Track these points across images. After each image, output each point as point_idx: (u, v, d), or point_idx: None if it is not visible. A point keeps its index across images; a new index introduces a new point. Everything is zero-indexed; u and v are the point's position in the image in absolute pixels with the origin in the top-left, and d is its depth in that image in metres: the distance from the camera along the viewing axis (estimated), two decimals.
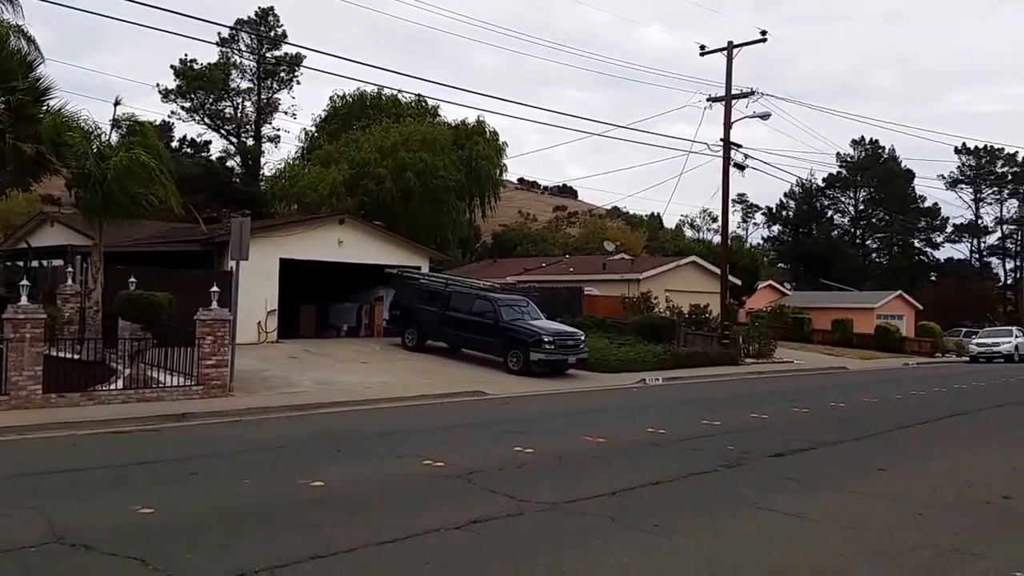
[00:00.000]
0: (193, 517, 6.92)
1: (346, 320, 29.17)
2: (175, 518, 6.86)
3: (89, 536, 6.09)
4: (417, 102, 43.50)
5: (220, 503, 7.47)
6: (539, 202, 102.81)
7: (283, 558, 5.63)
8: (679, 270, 37.73)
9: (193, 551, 5.88)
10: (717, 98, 30.56)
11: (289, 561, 5.58)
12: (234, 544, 6.08)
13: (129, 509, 6.92)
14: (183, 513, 7.05)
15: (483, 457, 9.65)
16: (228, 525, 6.67)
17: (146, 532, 6.39)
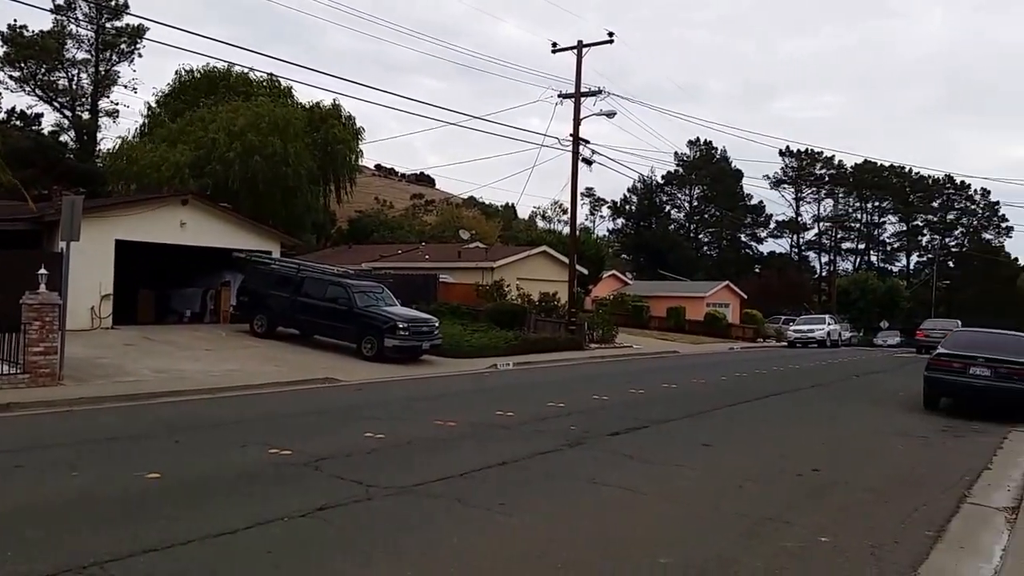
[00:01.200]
0: (16, 512, 6.53)
1: (190, 306, 27.90)
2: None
3: None
4: (269, 82, 42.03)
5: (46, 498, 7.06)
6: (396, 189, 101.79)
7: (115, 552, 5.44)
8: (531, 259, 38.51)
9: (13, 548, 5.56)
10: (567, 95, 31.36)
11: (121, 555, 5.40)
12: (60, 540, 5.80)
13: None
14: (4, 509, 6.63)
15: (332, 444, 9.58)
16: (55, 520, 6.33)
17: None
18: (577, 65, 31.04)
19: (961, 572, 5.96)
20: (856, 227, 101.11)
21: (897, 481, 9.01)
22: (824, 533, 6.60)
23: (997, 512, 7.77)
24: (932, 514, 7.42)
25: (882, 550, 6.21)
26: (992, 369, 14.46)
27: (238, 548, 5.75)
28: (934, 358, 15.73)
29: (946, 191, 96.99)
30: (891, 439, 12.05)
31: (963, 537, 6.82)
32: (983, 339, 16.15)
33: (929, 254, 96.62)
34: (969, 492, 8.51)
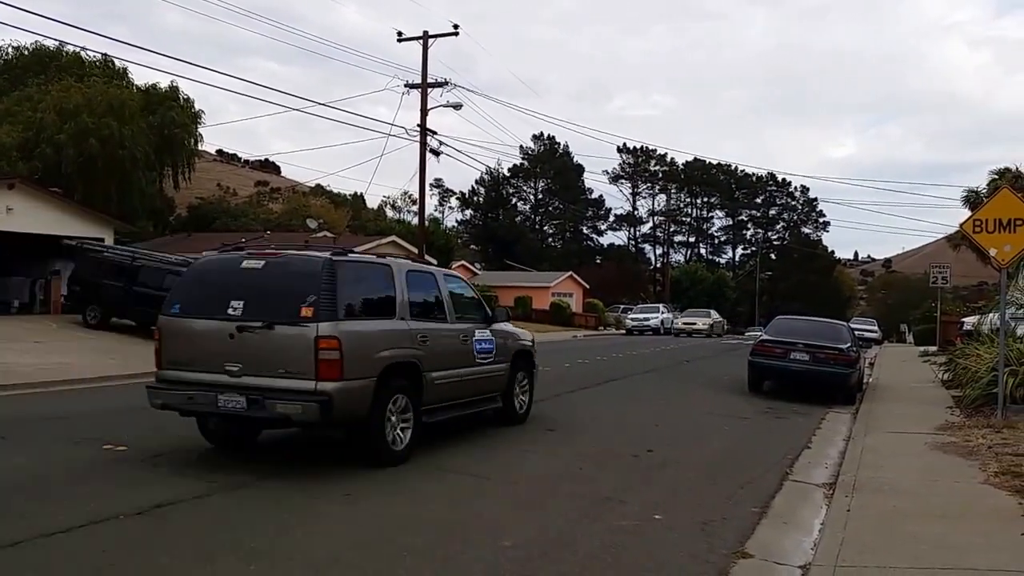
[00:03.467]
0: None
1: (18, 296, 26.01)
2: None
3: None
4: (103, 62, 39.44)
5: None
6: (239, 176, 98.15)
7: None
8: (380, 249, 37.87)
9: None
10: (414, 85, 31.39)
11: None
12: None
13: None
14: None
15: (173, 439, 9.24)
16: None
17: None
18: (423, 55, 31.07)
19: (784, 546, 6.40)
20: (687, 221, 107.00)
21: (724, 460, 9.66)
22: (657, 511, 7.01)
23: (816, 488, 8.45)
24: (757, 491, 7.96)
25: (711, 526, 6.63)
26: (811, 354, 15.71)
27: (72, 547, 5.52)
28: (758, 344, 16.91)
29: (769, 188, 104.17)
30: (719, 420, 12.89)
31: (786, 512, 7.36)
32: (802, 326, 17.51)
33: (753, 247, 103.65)
34: (791, 470, 9.19)
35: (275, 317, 7.74)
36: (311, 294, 7.71)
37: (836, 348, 15.84)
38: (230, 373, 7.82)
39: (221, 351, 7.87)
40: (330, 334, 7.57)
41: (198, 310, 8.23)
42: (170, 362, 8.38)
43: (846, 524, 6.63)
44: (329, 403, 7.50)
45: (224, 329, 7.86)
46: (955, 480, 8.32)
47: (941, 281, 30.99)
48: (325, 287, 7.76)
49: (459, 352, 9.80)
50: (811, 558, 5.95)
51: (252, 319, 7.77)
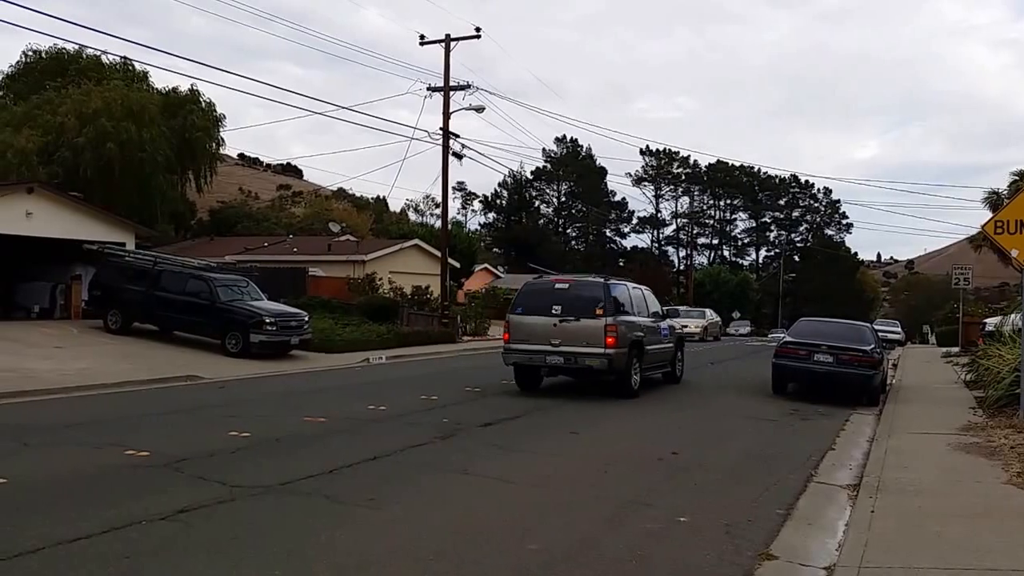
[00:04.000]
0: None
1: (38, 301, 26.16)
2: None
3: None
4: (123, 65, 39.74)
5: None
6: (261, 179, 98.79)
7: None
8: (403, 252, 38.33)
9: None
10: (437, 88, 31.36)
11: None
12: None
13: None
14: None
15: (194, 444, 9.25)
16: None
17: None
18: (446, 58, 31.08)
19: (809, 547, 6.36)
20: (710, 223, 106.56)
21: (750, 462, 9.56)
22: (683, 514, 6.94)
23: (841, 489, 8.38)
24: (782, 493, 7.91)
25: (736, 528, 6.58)
26: (834, 356, 15.53)
27: (94, 554, 5.49)
28: (781, 346, 16.73)
29: (792, 190, 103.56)
30: (743, 422, 12.76)
31: (811, 514, 7.31)
32: (825, 328, 17.32)
33: (776, 249, 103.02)
34: (815, 471, 9.12)
35: (582, 315, 14.43)
36: (600, 302, 14.50)
37: (860, 350, 15.66)
38: (553, 345, 14.51)
39: (548, 334, 14.57)
40: (611, 322, 14.29)
41: (532, 311, 14.95)
42: (515, 340, 14.98)
43: (870, 525, 6.61)
44: (611, 359, 14.21)
45: (550, 321, 14.57)
46: (978, 480, 8.27)
47: (963, 282, 30.68)
48: (605, 298, 14.60)
49: (656, 335, 16.53)
50: (836, 559, 5.94)
51: (567, 316, 14.51)
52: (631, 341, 14.77)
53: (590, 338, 14.22)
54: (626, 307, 15.38)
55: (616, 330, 14.22)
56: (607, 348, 14.14)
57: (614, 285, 15.44)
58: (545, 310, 14.73)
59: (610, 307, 14.48)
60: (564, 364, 14.60)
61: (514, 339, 14.94)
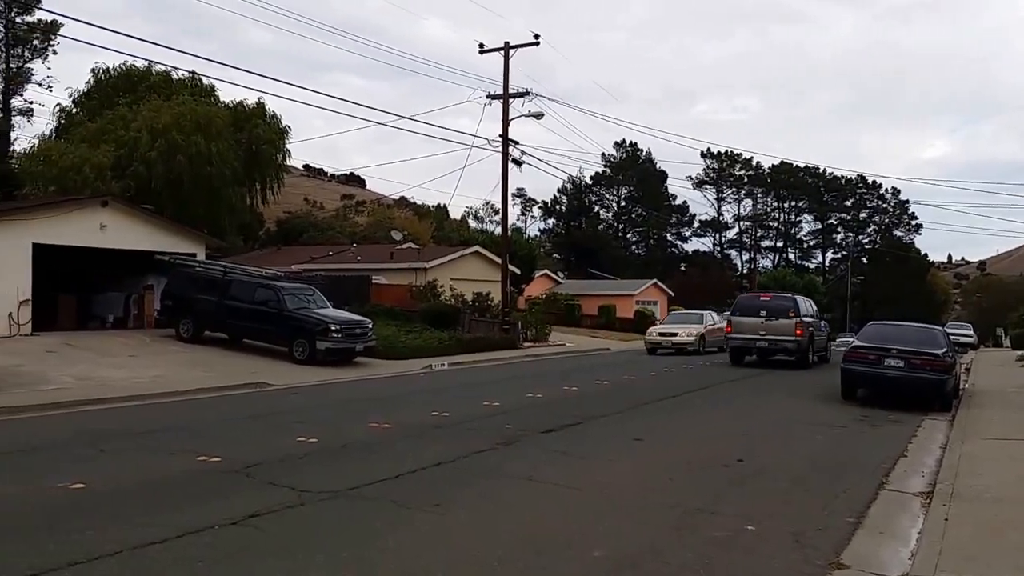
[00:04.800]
0: None
1: (113, 311, 27.06)
2: None
3: None
4: (191, 80, 40.91)
5: None
6: (326, 190, 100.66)
7: (36, 566, 5.29)
8: (464, 259, 38.55)
9: None
10: (496, 96, 31.51)
11: (44, 569, 5.26)
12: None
13: None
14: None
15: (264, 449, 9.46)
16: None
17: None
18: (505, 66, 31.23)
19: (881, 556, 6.21)
20: (775, 226, 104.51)
21: (819, 469, 9.34)
22: (750, 522, 6.82)
23: (913, 497, 8.14)
24: (852, 500, 7.72)
25: (805, 537, 6.45)
26: (905, 360, 15.09)
27: (168, 558, 5.64)
28: (850, 351, 16.33)
29: (858, 191, 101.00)
30: (811, 429, 12.47)
31: (882, 522, 7.12)
32: (895, 332, 16.85)
33: (843, 251, 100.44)
34: (886, 479, 8.88)
35: (779, 316, 23.58)
36: (791, 308, 23.86)
37: (931, 353, 15.18)
38: (759, 336, 23.59)
39: (756, 328, 23.62)
40: (799, 321, 23.53)
41: (745, 314, 24.21)
42: (735, 332, 24.23)
43: (944, 533, 6.43)
44: (798, 344, 23.40)
45: (758, 320, 23.70)
46: None
47: None
48: (794, 306, 24.06)
49: (819, 330, 25.67)
50: (909, 568, 5.79)
51: (770, 317, 23.58)
52: (809, 333, 23.90)
53: (785, 331, 23.37)
54: (804, 312, 24.32)
55: (802, 325, 23.49)
56: (797, 337, 23.31)
57: (797, 298, 25.78)
58: (754, 312, 24.03)
59: (796, 312, 23.78)
60: (767, 347, 23.68)
61: (734, 332, 24.40)
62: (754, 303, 24.82)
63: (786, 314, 23.54)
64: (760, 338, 23.48)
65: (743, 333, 24.02)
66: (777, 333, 23.35)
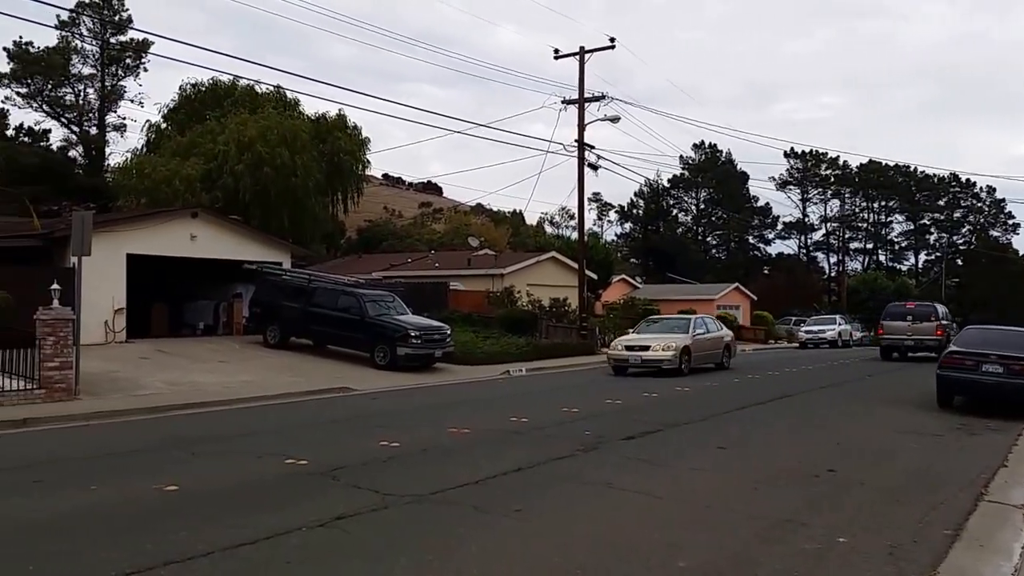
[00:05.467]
0: (36, 527, 6.60)
1: (203, 318, 28.06)
2: (15, 528, 6.54)
3: None
4: (276, 94, 42.20)
5: (65, 511, 7.13)
6: (404, 198, 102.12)
7: (135, 565, 5.48)
8: (540, 265, 38.56)
9: (36, 562, 5.63)
10: (571, 101, 31.49)
11: (141, 568, 5.44)
12: (80, 553, 5.85)
13: None
14: (25, 523, 6.71)
15: (348, 453, 9.63)
16: (74, 534, 6.39)
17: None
18: (580, 71, 31.16)
19: (981, 570, 5.93)
20: (863, 227, 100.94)
21: (913, 480, 8.96)
22: (842, 534, 6.58)
23: (1015, 509, 7.72)
24: (950, 513, 7.38)
25: (901, 550, 6.19)
26: (1004, 366, 14.37)
27: (258, 559, 5.78)
28: (946, 356, 15.65)
29: (952, 189, 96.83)
30: (906, 438, 11.99)
31: (982, 535, 6.78)
32: (994, 336, 16.06)
33: (937, 252, 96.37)
34: (986, 490, 8.45)
35: (923, 320, 28.84)
36: (933, 313, 29.40)
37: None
38: (907, 336, 28.80)
39: (904, 331, 28.90)
40: (939, 324, 28.85)
41: (894, 319, 29.43)
42: (886, 333, 29.47)
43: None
44: (939, 343, 26.30)
45: (905, 324, 29.00)
46: None
47: None
48: (935, 311, 29.78)
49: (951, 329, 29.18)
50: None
51: (915, 321, 28.86)
52: (947, 333, 27.14)
53: (928, 332, 28.25)
54: (942, 316, 29.52)
55: (941, 327, 28.31)
56: (937, 337, 27.67)
57: (936, 305, 31.14)
58: (901, 317, 29.19)
59: (936, 316, 29.02)
60: (913, 345, 28.36)
61: (886, 333, 29.33)
62: (901, 310, 30.06)
63: (928, 318, 28.86)
64: (907, 338, 28.57)
65: (893, 334, 29.07)
66: (921, 334, 28.39)
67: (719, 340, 24.70)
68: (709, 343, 23.67)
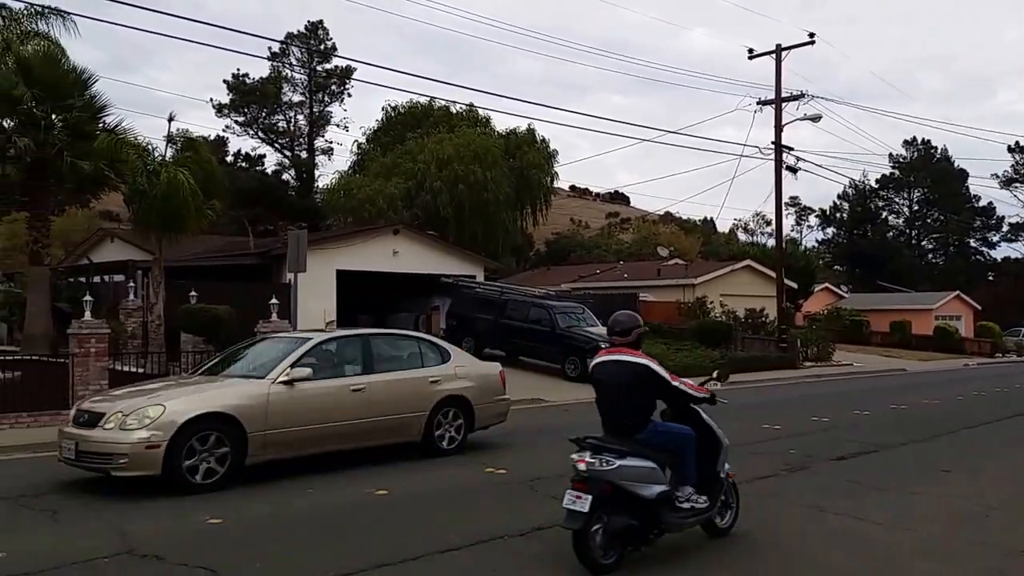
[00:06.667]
0: (258, 527, 7.09)
1: (404, 329, 29.34)
2: (240, 528, 7.05)
3: (159, 546, 6.27)
4: (469, 112, 43.79)
5: (284, 512, 7.61)
6: (591, 209, 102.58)
7: (349, 567, 5.74)
8: (734, 274, 37.29)
9: (260, 560, 6.03)
10: (767, 101, 30.30)
11: (355, 570, 5.69)
12: (300, 553, 6.22)
13: (196, 519, 7.13)
14: (248, 523, 7.22)
15: (545, 463, 9.63)
16: (295, 534, 6.80)
17: (213, 542, 6.57)
18: (776, 69, 29.93)
19: None
20: None
21: None
22: None
23: None
24: None
25: None
26: None
27: (465, 566, 5.92)
28: None
29: None
30: None
31: None
32: None
33: None
34: None
35: None
36: None
37: None
38: None
39: None
40: None
41: None
42: None
43: None
44: None
45: None
46: None
47: None
48: None
49: None
50: None
51: None
52: None
53: None
54: None
55: None
56: None
57: None
58: None
59: None
60: None
61: None
62: None
63: None
64: None
65: None
66: None
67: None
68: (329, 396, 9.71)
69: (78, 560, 5.92)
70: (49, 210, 21.03)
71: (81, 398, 11.30)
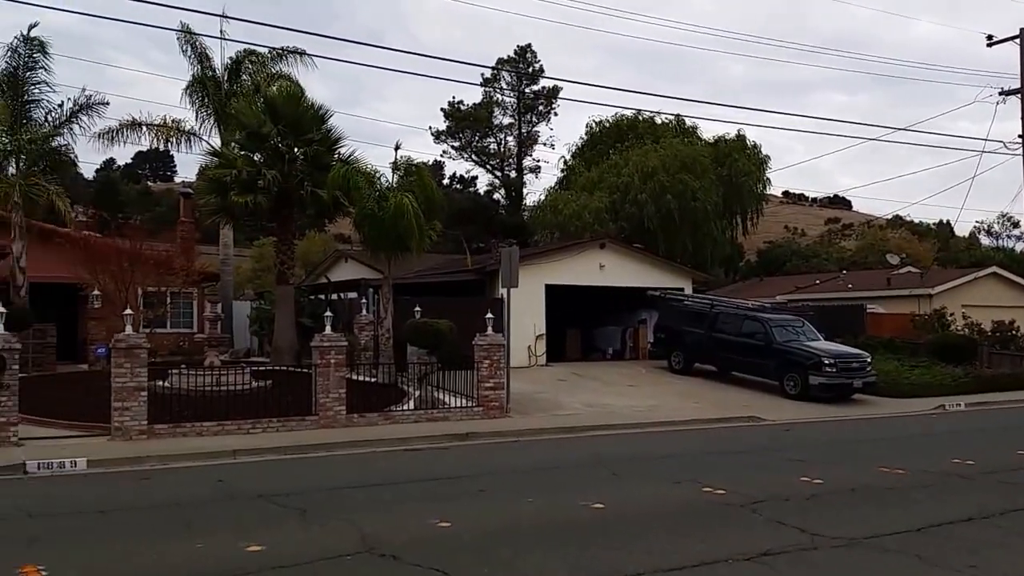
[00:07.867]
0: (484, 532, 7.28)
1: (611, 343, 29.39)
2: (468, 532, 7.25)
3: (396, 547, 6.60)
4: (676, 122, 43.15)
5: (507, 520, 7.77)
6: (807, 215, 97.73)
7: None
8: (977, 283, 33.88)
9: (489, 565, 6.18)
10: (1011, 91, 27.37)
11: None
12: (524, 559, 6.31)
13: (428, 522, 7.43)
14: (475, 528, 7.43)
15: (766, 486, 9.21)
16: (516, 541, 6.92)
17: (444, 545, 6.81)
18: (1022, 56, 26.97)
19: None
20: None
21: None
22: None
23: None
24: None
25: None
26: None
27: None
28: None
29: None
30: None
31: None
32: None
33: None
34: None
35: None
36: None
37: None
38: None
39: None
40: None
41: None
42: None
43: None
44: None
45: None
46: None
47: None
48: None
49: None
50: None
51: None
52: None
53: None
54: None
55: None
56: None
57: None
58: None
59: None
60: None
61: None
62: None
63: None
64: None
65: None
66: None
67: None
68: None
69: (324, 557, 6.37)
70: (293, 235, 23.17)
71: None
